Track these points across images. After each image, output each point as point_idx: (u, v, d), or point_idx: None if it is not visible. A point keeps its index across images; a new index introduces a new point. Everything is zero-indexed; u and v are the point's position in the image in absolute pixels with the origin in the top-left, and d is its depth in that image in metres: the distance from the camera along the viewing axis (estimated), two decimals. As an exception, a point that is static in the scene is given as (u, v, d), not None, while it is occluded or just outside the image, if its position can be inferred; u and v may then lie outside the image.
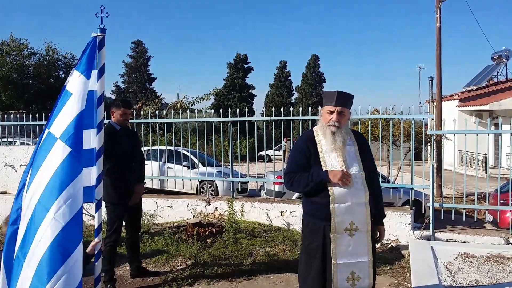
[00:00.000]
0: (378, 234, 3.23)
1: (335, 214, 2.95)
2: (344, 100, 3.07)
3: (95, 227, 3.14)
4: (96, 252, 3.02)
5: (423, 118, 6.91)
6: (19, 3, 68.75)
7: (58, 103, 2.86)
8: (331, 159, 3.03)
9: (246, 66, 47.68)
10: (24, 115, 9.67)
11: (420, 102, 32.52)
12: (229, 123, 7.73)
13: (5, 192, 7.70)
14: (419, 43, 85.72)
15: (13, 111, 19.97)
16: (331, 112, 3.05)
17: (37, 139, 9.67)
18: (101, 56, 3.05)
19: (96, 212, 3.11)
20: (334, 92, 3.06)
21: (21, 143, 9.37)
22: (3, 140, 10.52)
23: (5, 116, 10.08)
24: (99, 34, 3.03)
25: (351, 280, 2.99)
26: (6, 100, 29.28)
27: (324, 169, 2.99)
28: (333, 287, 2.94)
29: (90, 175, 3.02)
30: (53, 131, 2.78)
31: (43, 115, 8.47)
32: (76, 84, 2.89)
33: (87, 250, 2.95)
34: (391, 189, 7.33)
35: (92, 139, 3.02)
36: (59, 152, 2.68)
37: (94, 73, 2.98)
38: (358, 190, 3.02)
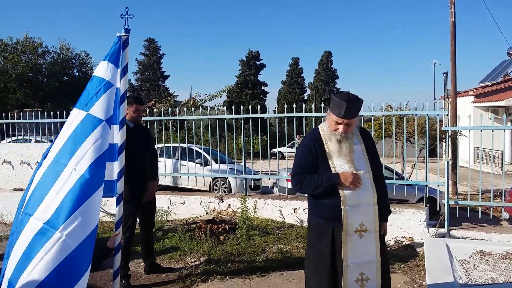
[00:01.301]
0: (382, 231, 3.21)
1: (346, 216, 2.93)
2: (352, 113, 2.94)
3: (115, 220, 3.17)
4: (116, 245, 3.05)
5: (438, 114, 6.81)
6: (33, 2, 69.56)
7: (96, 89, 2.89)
8: (339, 159, 3.00)
9: (258, 63, 47.63)
10: (39, 113, 9.79)
11: (434, 98, 32.19)
12: (242, 120, 7.73)
13: (21, 189, 7.80)
14: (433, 39, 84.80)
15: (28, 109, 20.23)
16: (338, 123, 2.97)
17: (52, 136, 9.76)
18: (125, 55, 3.13)
19: (117, 206, 3.15)
20: (343, 103, 2.88)
21: (37, 141, 9.48)
22: (19, 137, 10.67)
23: (21, 114, 10.22)
24: (123, 34, 3.11)
25: (360, 281, 2.98)
26: (21, 98, 29.66)
27: (332, 169, 2.96)
28: None
29: (112, 169, 3.07)
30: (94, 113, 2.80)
31: (58, 113, 8.57)
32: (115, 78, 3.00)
33: (107, 243, 2.98)
34: (405, 186, 7.27)
35: (115, 135, 3.07)
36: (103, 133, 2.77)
37: (118, 71, 3.03)
38: (366, 190, 3.00)
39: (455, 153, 12.26)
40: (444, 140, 11.91)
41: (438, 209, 7.63)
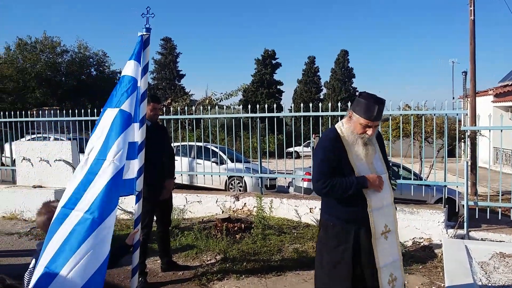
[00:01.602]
0: None
1: (373, 219, 2.91)
2: (381, 113, 2.92)
3: (135, 218, 3.19)
4: (134, 242, 3.07)
5: (457, 114, 6.71)
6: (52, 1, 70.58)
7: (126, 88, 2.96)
8: (360, 161, 2.96)
9: (274, 62, 47.56)
10: (58, 111, 9.95)
11: (453, 98, 31.73)
12: (257, 119, 7.72)
13: (40, 186, 7.92)
14: (452, 37, 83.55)
15: (47, 108, 20.59)
16: (367, 126, 2.90)
17: (70, 134, 9.90)
18: (146, 54, 3.14)
19: (136, 203, 3.17)
20: (374, 105, 2.84)
21: (55, 139, 9.62)
22: (38, 135, 10.85)
23: (40, 112, 10.38)
24: (144, 33, 3.12)
25: (391, 282, 2.97)
26: (40, 97, 30.17)
27: (356, 172, 2.91)
28: None
29: (132, 167, 3.09)
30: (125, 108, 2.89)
31: (76, 111, 8.69)
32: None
33: (126, 240, 3.00)
34: (423, 186, 7.18)
35: (135, 133, 3.10)
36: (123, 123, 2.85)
37: (139, 70, 3.07)
38: (386, 192, 3.00)
39: (474, 153, 12.06)
40: (463, 140, 11.76)
41: (456, 210, 7.51)
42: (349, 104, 7.08)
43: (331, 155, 2.91)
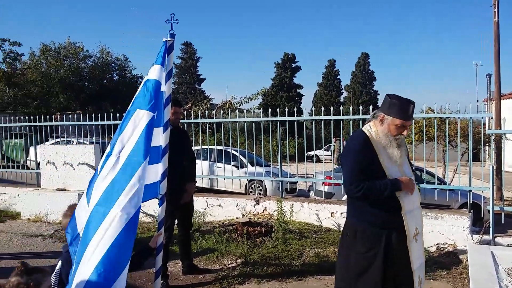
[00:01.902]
0: None
1: (407, 222, 2.90)
2: (413, 113, 2.98)
3: (158, 220, 3.21)
4: (158, 245, 3.08)
5: (482, 117, 6.57)
6: (76, 8, 71.98)
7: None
8: (391, 164, 2.95)
9: (293, 65, 47.55)
10: (81, 116, 10.10)
11: (477, 101, 31.16)
12: (277, 122, 7.70)
13: (64, 189, 8.05)
14: (475, 39, 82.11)
15: (70, 112, 20.97)
16: (403, 126, 2.91)
17: (93, 138, 10.05)
18: (170, 60, 3.16)
19: (159, 206, 3.19)
20: (409, 105, 2.90)
21: (79, 142, 9.77)
22: (62, 139, 11.04)
23: (63, 116, 10.57)
24: (169, 39, 3.14)
25: (419, 284, 2.99)
26: (63, 101, 30.77)
27: (387, 175, 2.89)
28: None
29: (156, 171, 3.12)
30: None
31: (99, 115, 8.82)
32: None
33: (150, 243, 3.02)
34: (447, 191, 7.05)
35: (160, 137, 3.12)
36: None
37: (163, 75, 3.10)
38: (416, 194, 3.01)
39: (500, 157, 11.76)
40: (488, 144, 11.51)
41: (482, 216, 7.35)
42: (370, 107, 7.02)
43: (363, 158, 2.89)
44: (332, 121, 7.24)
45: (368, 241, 2.91)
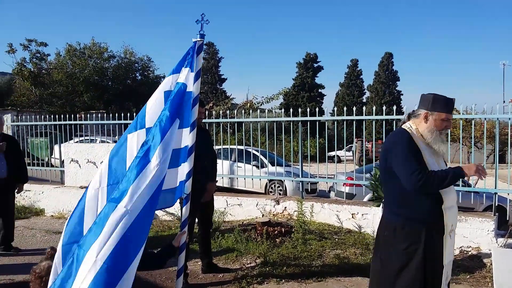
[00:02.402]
0: None
1: (447, 217, 2.90)
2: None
3: (182, 220, 3.22)
4: (181, 244, 3.09)
5: (509, 118, 6.40)
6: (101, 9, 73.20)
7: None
8: (432, 159, 2.96)
9: (315, 65, 47.30)
10: (104, 115, 10.26)
11: (504, 101, 30.40)
12: (299, 122, 7.66)
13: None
14: (502, 38, 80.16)
15: (94, 111, 21.33)
16: (448, 120, 2.99)
17: (116, 137, 10.19)
18: (199, 60, 3.15)
19: (184, 205, 3.20)
20: (452, 99, 3.00)
21: (102, 141, 9.92)
22: (86, 138, 11.23)
23: (87, 115, 10.75)
24: (198, 39, 3.14)
25: (446, 280, 3.00)
26: (88, 101, 31.33)
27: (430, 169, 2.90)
28: None
29: (182, 171, 3.12)
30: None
31: (122, 114, 8.93)
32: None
33: (173, 242, 3.02)
34: (472, 193, 6.90)
35: (187, 138, 3.13)
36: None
37: (192, 75, 3.09)
38: (454, 191, 3.03)
39: (527, 159, 11.48)
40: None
41: (507, 219, 7.18)
42: (394, 107, 6.90)
43: (417, 151, 2.90)
44: (354, 122, 7.17)
45: (408, 238, 2.91)
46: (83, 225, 2.68)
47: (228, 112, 8.64)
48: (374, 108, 7.22)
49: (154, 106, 3.10)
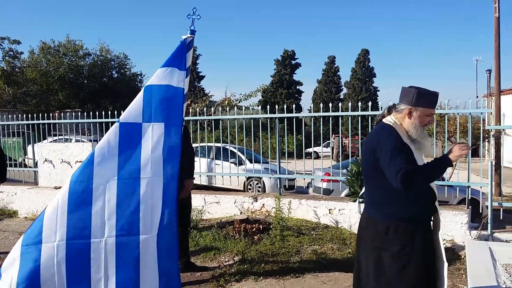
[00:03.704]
0: None
1: (439, 212, 2.89)
2: None
3: None
4: None
5: (481, 113, 6.54)
6: (75, 4, 71.89)
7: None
8: (417, 154, 2.82)
9: (293, 62, 47.46)
10: (80, 114, 10.09)
11: (477, 97, 31.15)
12: (277, 119, 7.68)
13: (61, 188, 8.03)
14: (475, 35, 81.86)
15: (69, 110, 20.95)
16: (431, 115, 2.88)
17: (91, 136, 10.03)
18: (189, 57, 3.06)
19: None
20: (437, 93, 2.88)
21: (77, 140, 9.76)
22: (60, 137, 11.02)
23: (62, 114, 10.55)
24: (189, 35, 3.04)
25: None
26: (63, 99, 30.71)
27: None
28: None
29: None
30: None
31: (97, 113, 8.79)
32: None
33: None
34: (446, 187, 7.03)
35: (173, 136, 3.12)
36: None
37: (182, 73, 3.03)
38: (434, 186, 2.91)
39: (499, 153, 11.74)
40: (487, 140, 11.48)
41: (480, 211, 7.35)
42: (369, 103, 6.97)
43: (403, 146, 2.74)
44: (331, 118, 7.22)
45: (402, 239, 2.74)
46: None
47: (206, 109, 8.58)
48: (350, 104, 7.29)
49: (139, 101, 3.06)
